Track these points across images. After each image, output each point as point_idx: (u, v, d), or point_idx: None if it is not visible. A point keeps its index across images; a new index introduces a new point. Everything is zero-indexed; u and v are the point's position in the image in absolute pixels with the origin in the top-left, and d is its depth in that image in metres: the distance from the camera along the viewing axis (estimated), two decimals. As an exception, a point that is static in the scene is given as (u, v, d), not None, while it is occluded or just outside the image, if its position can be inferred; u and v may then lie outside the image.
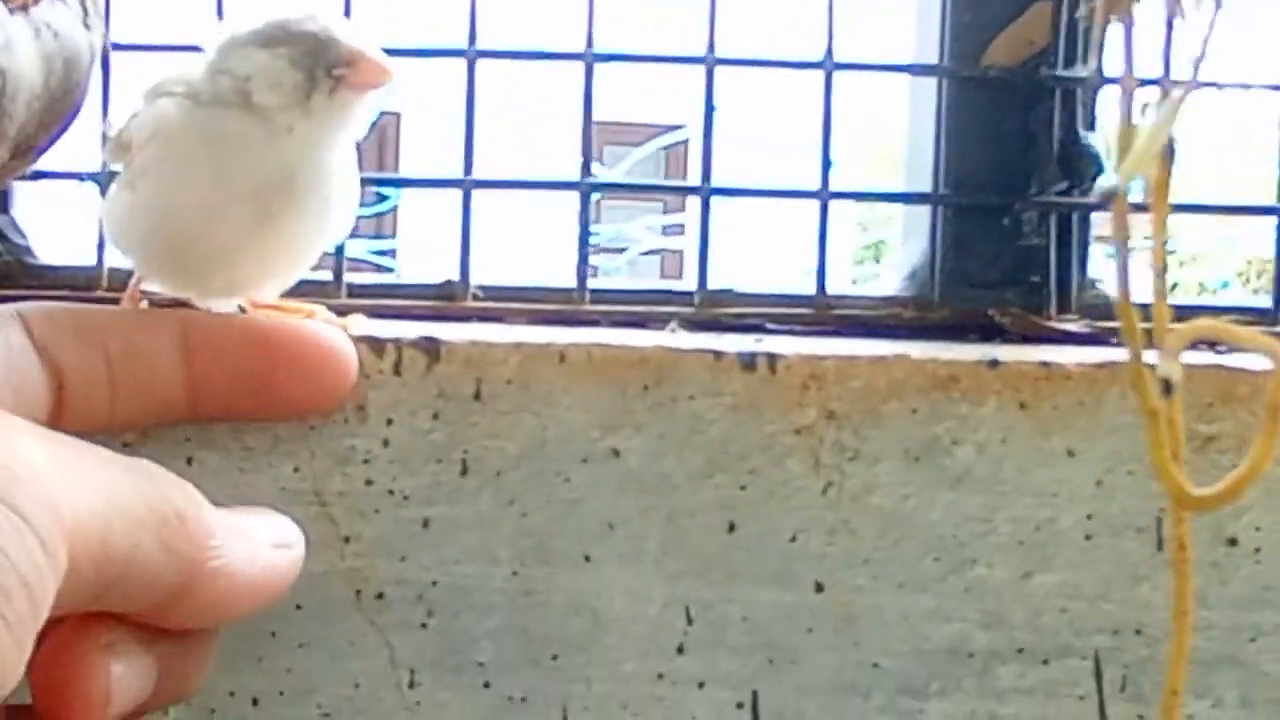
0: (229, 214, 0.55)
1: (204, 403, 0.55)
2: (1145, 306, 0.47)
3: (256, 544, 0.47)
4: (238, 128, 0.56)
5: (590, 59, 0.69)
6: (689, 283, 0.69)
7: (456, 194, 0.69)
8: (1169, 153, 0.43)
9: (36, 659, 0.41)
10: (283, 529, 0.50)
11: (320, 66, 0.55)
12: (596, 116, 0.69)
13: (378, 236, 6.02)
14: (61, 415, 0.50)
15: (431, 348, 0.60)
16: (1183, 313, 0.67)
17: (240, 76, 0.56)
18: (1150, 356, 0.46)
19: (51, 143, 0.56)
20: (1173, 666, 0.44)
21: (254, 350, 0.55)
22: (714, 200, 0.69)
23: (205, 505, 0.44)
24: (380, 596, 0.60)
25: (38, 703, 0.43)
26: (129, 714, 0.45)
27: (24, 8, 0.53)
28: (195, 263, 0.56)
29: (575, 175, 0.70)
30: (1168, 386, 0.42)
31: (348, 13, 0.67)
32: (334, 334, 0.57)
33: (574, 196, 0.70)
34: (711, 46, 0.69)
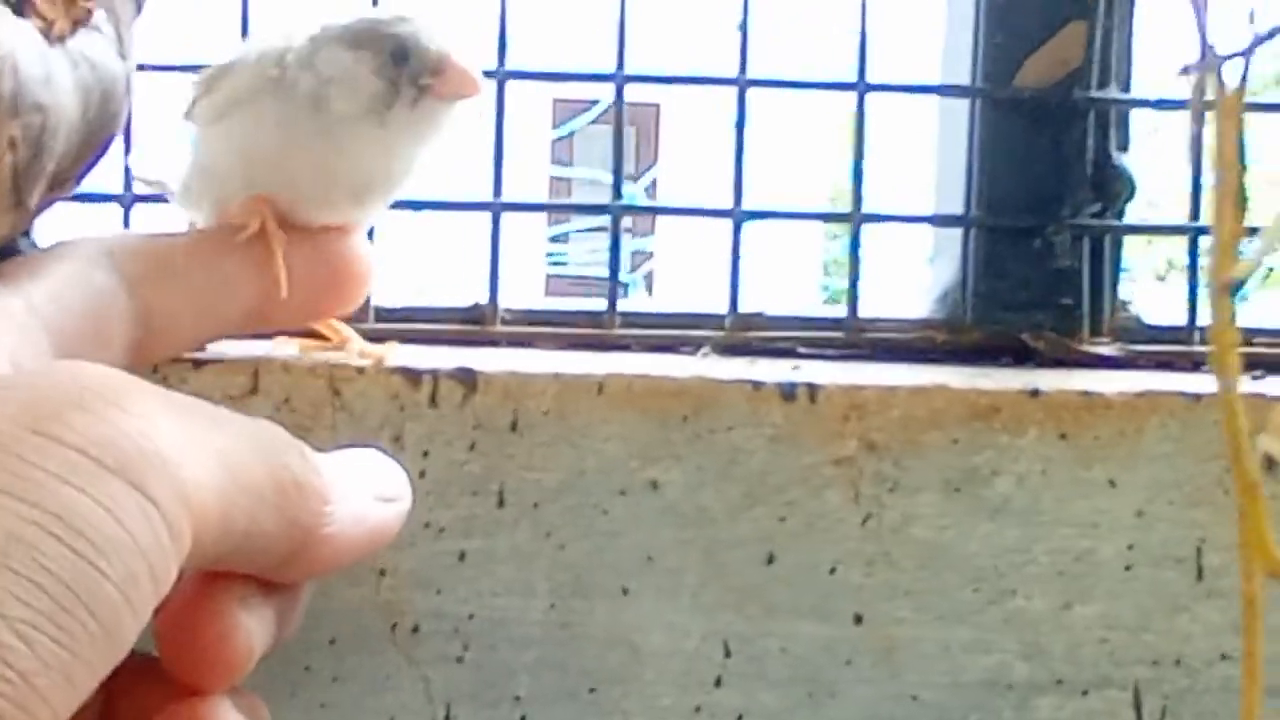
0: (301, 170, 0.56)
1: (273, 317, 0.57)
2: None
3: (366, 502, 0.47)
4: (310, 137, 0.56)
5: (620, 80, 0.68)
6: (719, 305, 0.69)
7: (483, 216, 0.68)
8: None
9: (166, 617, 0.42)
10: (390, 479, 0.49)
11: (405, 74, 0.55)
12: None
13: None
14: (149, 346, 0.52)
15: (468, 378, 0.59)
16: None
17: (323, 78, 0.55)
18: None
19: (87, 171, 0.56)
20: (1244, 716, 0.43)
21: (319, 264, 0.57)
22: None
23: (320, 468, 0.44)
24: (416, 630, 0.60)
25: (170, 660, 0.43)
26: None
27: (62, 39, 0.52)
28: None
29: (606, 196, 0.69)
30: (1271, 463, 0.41)
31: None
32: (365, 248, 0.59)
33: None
34: (744, 68, 0.68)
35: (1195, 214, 0.70)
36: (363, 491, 0.47)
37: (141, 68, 0.66)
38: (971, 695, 0.61)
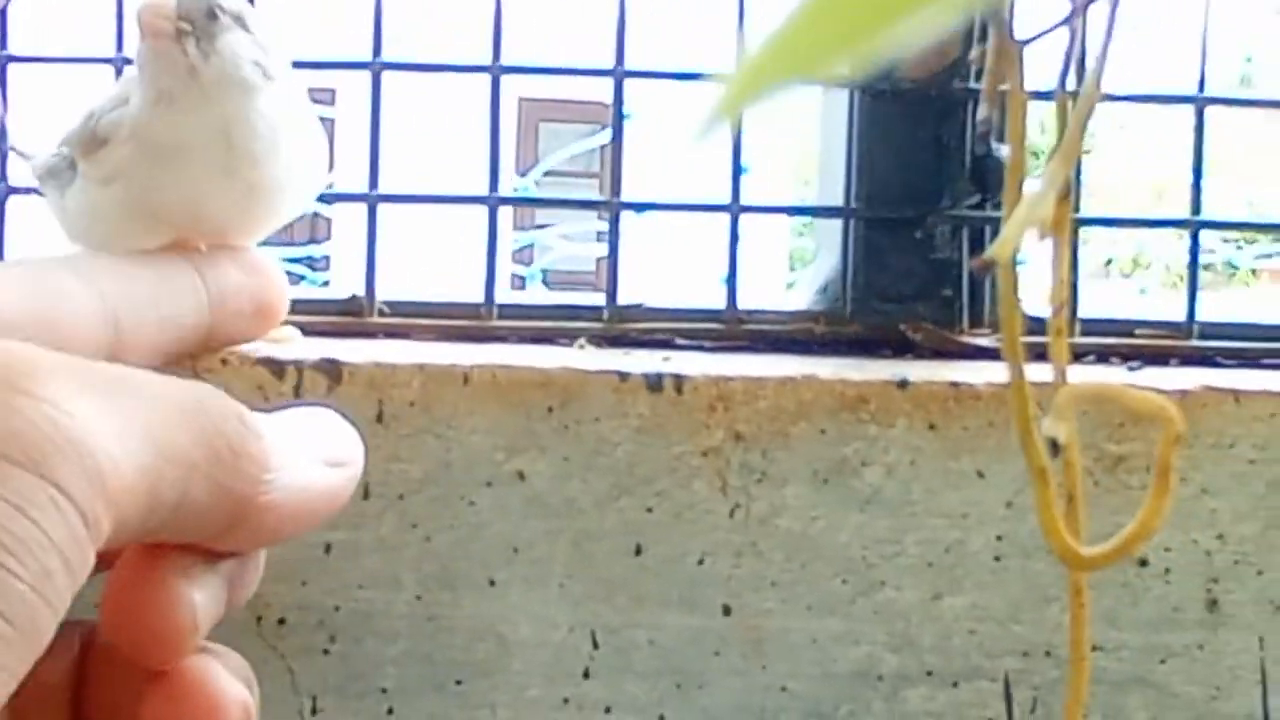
0: (204, 195, 0.57)
1: (219, 331, 0.57)
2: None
3: (312, 468, 0.45)
4: (171, 115, 0.56)
5: (497, 71, 0.67)
6: (598, 297, 0.68)
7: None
8: (1070, 192, 0.42)
9: (108, 595, 0.41)
10: (340, 442, 0.48)
11: (200, 39, 0.56)
12: (533, 93, 0.68)
13: (311, 242, 5.99)
14: (119, 350, 0.51)
15: (333, 369, 0.59)
16: (1101, 326, 0.68)
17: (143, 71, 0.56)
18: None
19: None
20: (1070, 705, 0.43)
21: (255, 276, 0.58)
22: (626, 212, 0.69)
23: (262, 433, 0.42)
24: (282, 622, 0.60)
25: (115, 637, 0.43)
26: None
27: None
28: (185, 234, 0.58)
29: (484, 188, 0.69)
30: (1055, 447, 0.41)
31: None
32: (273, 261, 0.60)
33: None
34: (620, 59, 0.68)
35: (1076, 207, 0.70)
36: (309, 456, 0.45)
37: (14, 60, 0.66)
38: (842, 686, 0.61)
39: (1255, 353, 0.68)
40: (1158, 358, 0.69)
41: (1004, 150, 0.68)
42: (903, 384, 0.61)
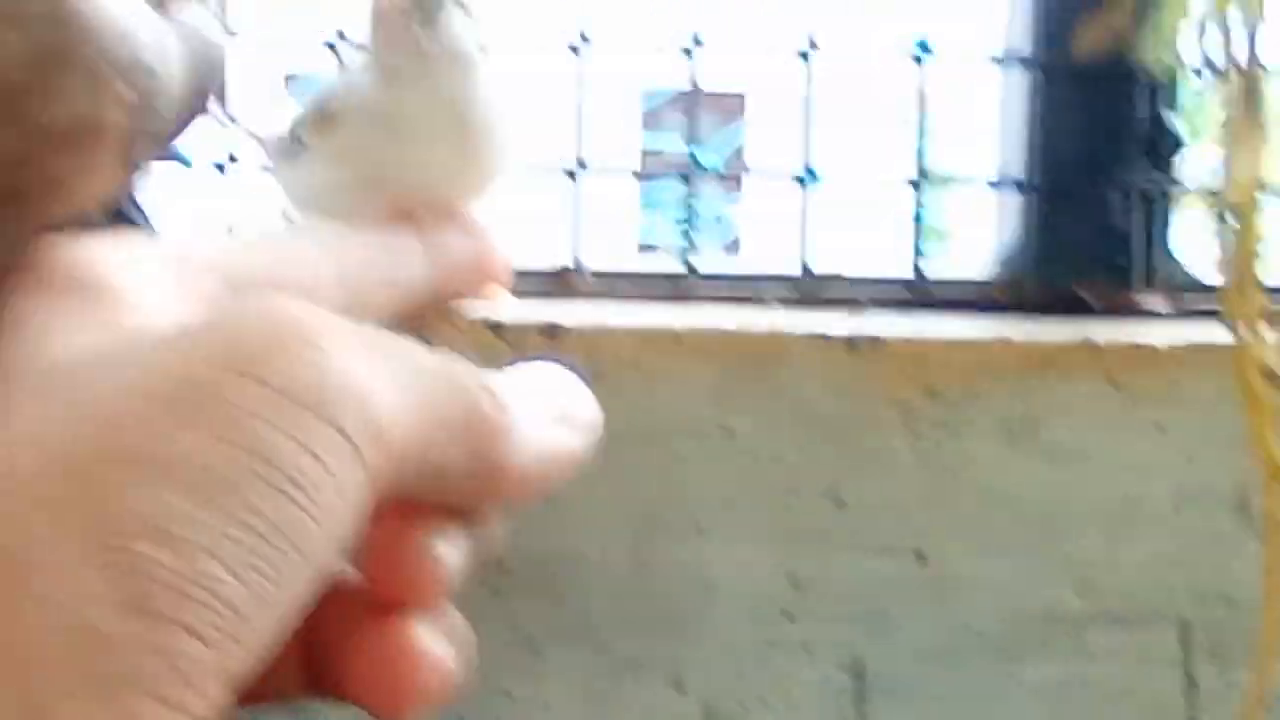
0: (428, 163, 0.62)
1: (442, 291, 0.60)
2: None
3: (554, 431, 0.46)
4: (399, 91, 0.61)
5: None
6: (792, 266, 0.72)
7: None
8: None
9: (370, 546, 0.42)
10: (578, 402, 0.48)
11: (425, 19, 0.60)
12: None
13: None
14: (351, 309, 0.54)
15: (552, 330, 0.63)
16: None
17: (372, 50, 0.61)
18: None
19: (181, 133, 0.60)
20: (1266, 633, 0.47)
21: (474, 239, 0.61)
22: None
23: (507, 405, 0.43)
24: (504, 568, 0.64)
25: (375, 584, 0.45)
26: None
27: (172, 11, 0.57)
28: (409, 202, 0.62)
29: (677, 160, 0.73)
30: (1273, 375, 0.45)
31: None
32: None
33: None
34: (812, 41, 0.72)
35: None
36: (551, 421, 0.48)
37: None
38: (1027, 628, 0.65)
39: None
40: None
41: (1173, 120, 0.71)
42: (1087, 344, 0.64)
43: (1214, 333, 0.66)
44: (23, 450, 0.36)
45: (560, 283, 0.72)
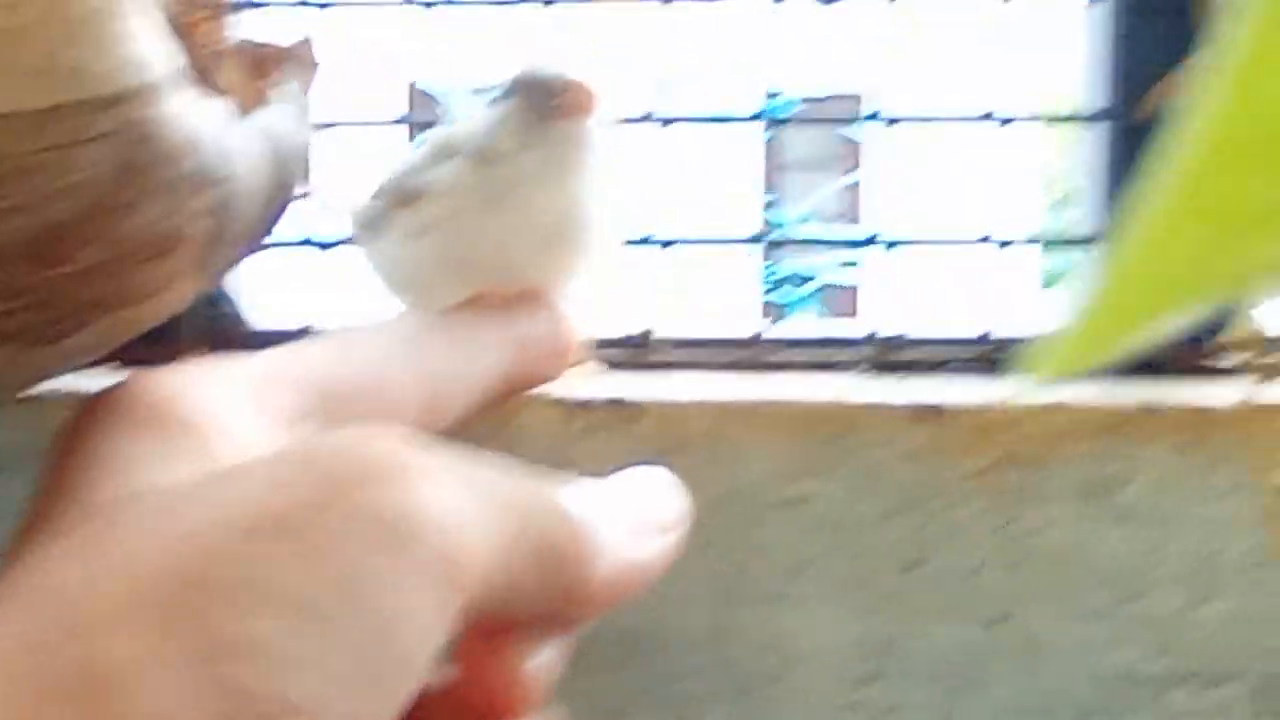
0: (517, 251, 0.63)
1: (520, 380, 0.62)
2: None
3: (635, 546, 0.48)
4: (504, 178, 0.61)
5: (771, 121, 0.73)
6: (866, 327, 0.73)
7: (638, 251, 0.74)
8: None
9: (462, 668, 0.46)
10: (666, 509, 0.51)
11: (540, 104, 0.61)
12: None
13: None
14: (435, 410, 0.55)
15: (623, 407, 0.64)
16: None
17: (488, 134, 0.62)
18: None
19: (270, 230, 0.62)
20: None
21: (555, 325, 0.63)
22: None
23: (589, 536, 0.45)
24: (584, 642, 0.65)
25: (469, 706, 0.47)
26: None
27: (248, 113, 0.58)
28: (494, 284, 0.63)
29: (754, 224, 0.74)
30: None
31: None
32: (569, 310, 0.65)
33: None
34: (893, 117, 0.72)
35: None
36: (633, 535, 0.48)
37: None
38: (1109, 689, 0.65)
39: None
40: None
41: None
42: (1154, 407, 0.65)
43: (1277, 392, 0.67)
44: (118, 580, 0.38)
45: (634, 352, 0.73)
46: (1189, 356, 0.72)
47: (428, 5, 0.75)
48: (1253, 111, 0.16)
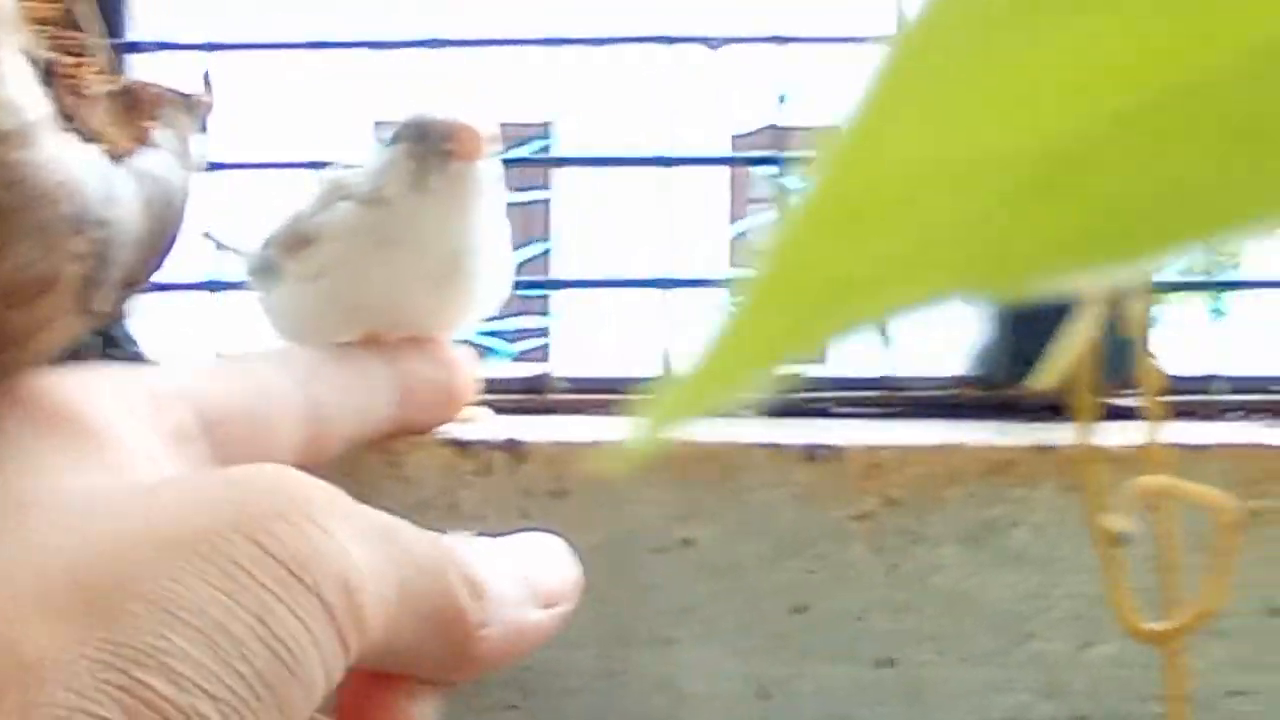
0: (408, 294, 0.63)
1: (408, 421, 0.62)
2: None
3: (527, 614, 0.49)
4: (394, 222, 0.62)
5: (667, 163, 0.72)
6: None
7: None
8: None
9: (343, 703, 0.47)
10: (558, 581, 0.52)
11: (430, 150, 0.61)
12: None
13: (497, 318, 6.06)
14: (317, 442, 0.56)
15: (515, 448, 0.64)
16: (1250, 383, 0.71)
17: (378, 177, 0.62)
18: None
19: (154, 271, 0.61)
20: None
21: (444, 369, 0.63)
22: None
23: (485, 593, 0.47)
24: (474, 681, 0.65)
25: None
26: None
27: (126, 157, 0.58)
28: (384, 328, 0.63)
29: (663, 272, 0.74)
30: (1120, 539, 0.45)
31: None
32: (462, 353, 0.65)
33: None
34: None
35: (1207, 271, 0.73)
36: (525, 601, 0.50)
37: (215, 167, 0.72)
38: (997, 732, 0.65)
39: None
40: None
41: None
42: (1046, 448, 0.65)
43: (1175, 433, 0.67)
44: (35, 574, 0.39)
45: (532, 394, 0.73)
46: (1094, 399, 0.71)
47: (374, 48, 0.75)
48: (851, 171, 0.16)
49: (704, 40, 0.74)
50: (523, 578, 0.50)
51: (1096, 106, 0.15)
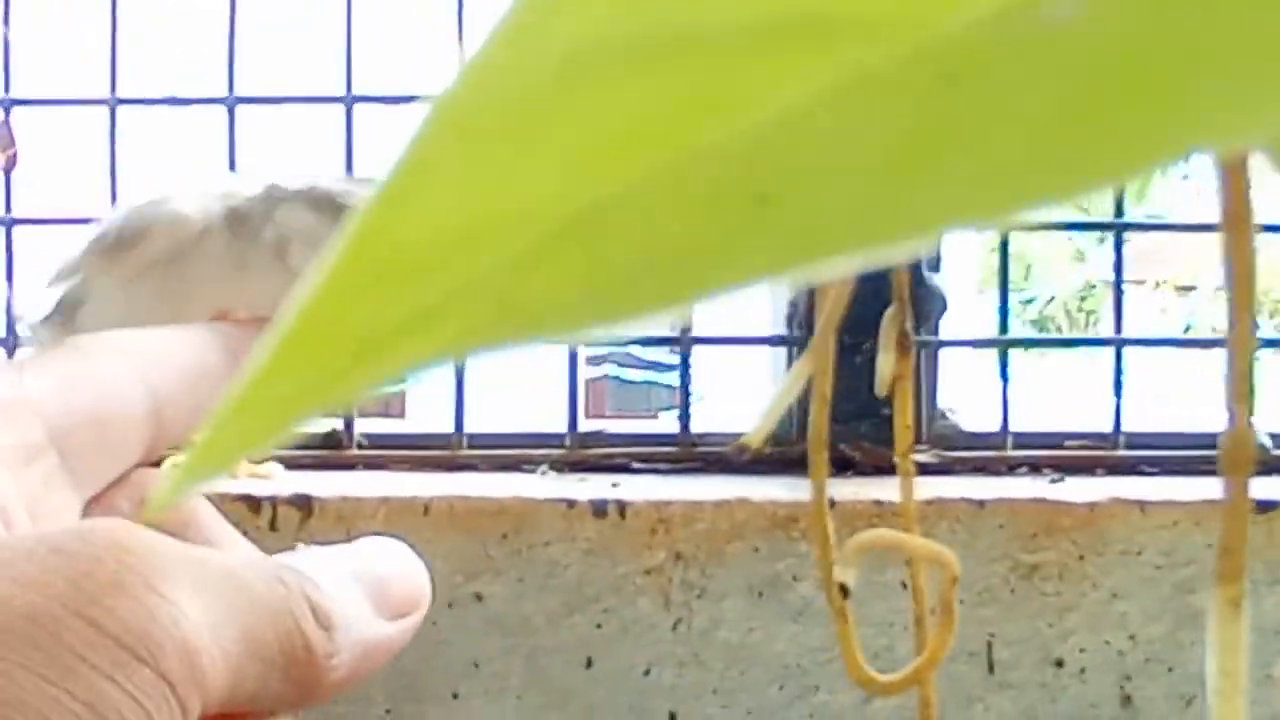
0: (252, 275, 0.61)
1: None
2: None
3: (378, 629, 0.48)
4: (261, 273, 0.61)
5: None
6: (559, 425, 0.74)
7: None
8: (909, 347, 0.48)
9: None
10: (409, 586, 0.50)
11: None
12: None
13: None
14: (159, 439, 0.53)
15: (304, 503, 0.65)
16: (1034, 439, 0.73)
17: (284, 232, 0.61)
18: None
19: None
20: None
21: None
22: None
23: (334, 621, 0.46)
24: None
25: None
26: None
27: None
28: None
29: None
30: (845, 590, 0.46)
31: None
32: None
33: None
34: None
35: (1004, 328, 0.75)
36: (375, 618, 0.48)
37: (19, 222, 0.72)
38: (782, 784, 0.66)
39: (1177, 461, 0.73)
40: (1085, 468, 0.73)
41: (935, 278, 0.73)
42: (830, 504, 0.66)
43: (955, 487, 0.68)
44: None
45: (328, 447, 0.73)
46: (877, 455, 0.73)
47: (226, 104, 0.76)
48: (372, 235, 0.16)
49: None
50: (370, 589, 0.48)
51: (616, 170, 0.16)
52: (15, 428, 0.47)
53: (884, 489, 0.68)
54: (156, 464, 0.52)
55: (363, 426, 0.74)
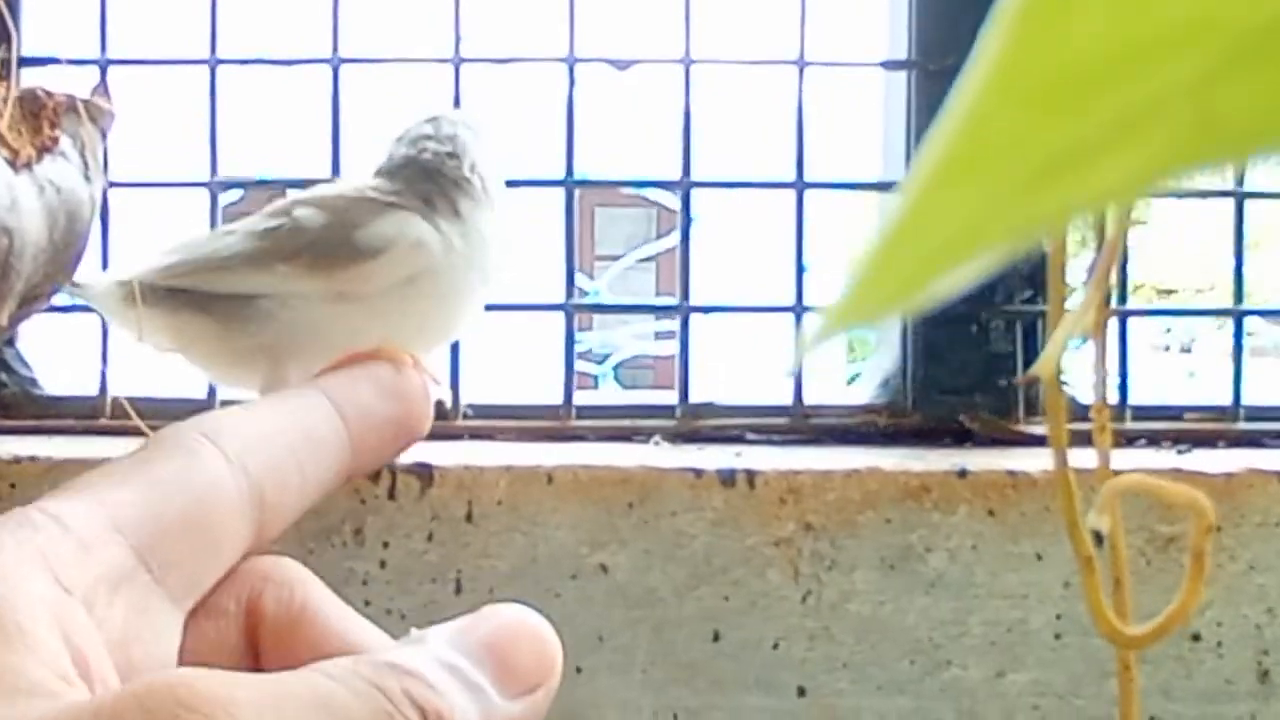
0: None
1: (361, 461, 0.54)
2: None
3: (499, 713, 0.44)
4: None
5: (571, 186, 0.72)
6: (672, 396, 0.72)
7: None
8: (1109, 298, 0.46)
9: None
10: (530, 663, 0.45)
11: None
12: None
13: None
14: (266, 524, 0.48)
15: (425, 473, 0.63)
16: (1152, 411, 0.71)
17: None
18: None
19: (57, 289, 0.59)
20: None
21: (391, 401, 0.55)
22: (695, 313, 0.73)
23: (444, 715, 0.42)
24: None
25: None
26: None
27: (29, 165, 0.56)
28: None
29: (560, 291, 0.73)
30: (1099, 538, 0.45)
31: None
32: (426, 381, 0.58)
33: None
34: (687, 170, 0.72)
35: (1122, 298, 0.73)
36: (499, 699, 0.43)
37: (115, 185, 0.70)
38: (912, 761, 0.64)
39: (1300, 433, 0.72)
40: (1206, 440, 0.72)
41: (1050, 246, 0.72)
42: (962, 473, 0.64)
43: (1085, 458, 0.66)
44: None
45: (439, 421, 0.71)
46: (1000, 424, 0.71)
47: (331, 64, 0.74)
48: (1039, 53, 0.15)
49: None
50: (492, 668, 0.44)
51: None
52: (96, 559, 0.42)
53: (1013, 459, 0.66)
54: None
55: (467, 397, 0.72)
